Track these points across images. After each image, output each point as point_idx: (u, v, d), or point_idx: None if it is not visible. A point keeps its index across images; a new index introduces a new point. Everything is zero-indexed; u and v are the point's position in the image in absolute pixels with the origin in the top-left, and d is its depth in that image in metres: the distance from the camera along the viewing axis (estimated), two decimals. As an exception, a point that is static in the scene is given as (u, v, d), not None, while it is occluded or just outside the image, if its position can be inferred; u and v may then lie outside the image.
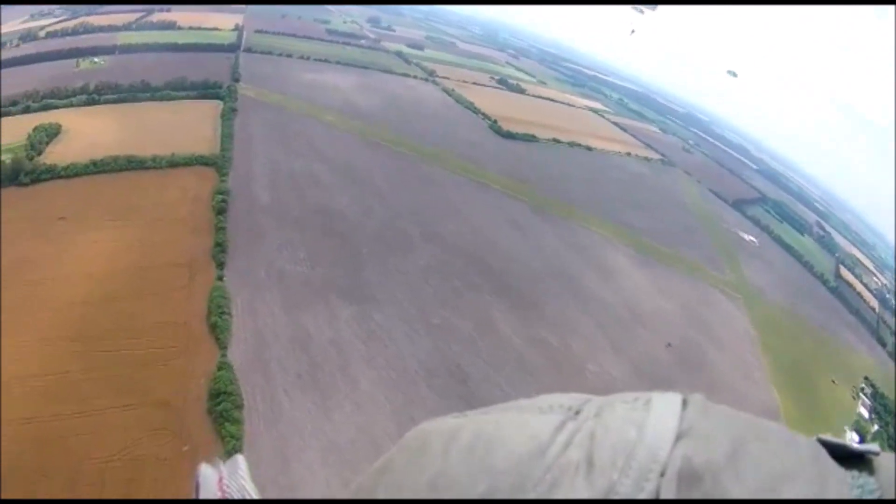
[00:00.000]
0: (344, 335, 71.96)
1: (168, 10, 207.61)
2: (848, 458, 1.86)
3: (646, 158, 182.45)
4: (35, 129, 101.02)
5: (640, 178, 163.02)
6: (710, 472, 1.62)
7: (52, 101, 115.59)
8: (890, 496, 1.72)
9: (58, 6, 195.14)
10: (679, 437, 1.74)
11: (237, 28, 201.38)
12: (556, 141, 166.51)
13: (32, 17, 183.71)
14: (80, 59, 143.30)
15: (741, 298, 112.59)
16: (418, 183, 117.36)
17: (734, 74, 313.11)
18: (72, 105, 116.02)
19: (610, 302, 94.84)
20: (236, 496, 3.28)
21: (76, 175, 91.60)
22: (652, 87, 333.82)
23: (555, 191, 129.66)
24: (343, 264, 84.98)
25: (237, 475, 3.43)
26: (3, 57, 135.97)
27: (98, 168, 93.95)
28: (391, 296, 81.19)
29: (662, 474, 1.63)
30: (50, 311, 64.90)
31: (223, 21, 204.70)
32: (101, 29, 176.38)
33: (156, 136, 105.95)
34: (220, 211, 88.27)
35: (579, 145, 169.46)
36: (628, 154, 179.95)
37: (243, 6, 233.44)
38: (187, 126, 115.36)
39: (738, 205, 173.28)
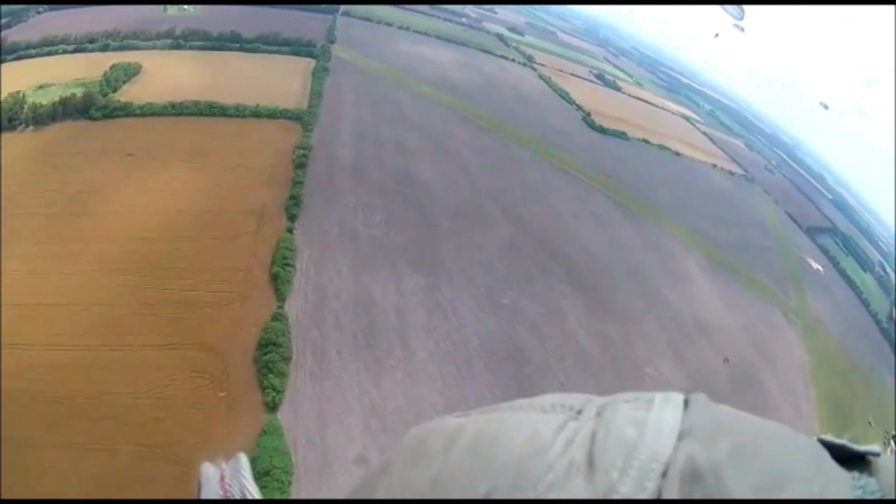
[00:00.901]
0: (409, 303, 69.47)
1: None
2: (849, 459, 1.90)
3: (730, 172, 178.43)
4: (112, 66, 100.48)
5: (722, 191, 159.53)
6: (712, 472, 1.64)
7: (134, 41, 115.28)
8: (891, 498, 1.73)
9: None
10: (681, 437, 1.77)
11: None
12: (646, 142, 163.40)
13: None
14: (169, 5, 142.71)
15: (800, 324, 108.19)
16: (506, 163, 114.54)
17: (826, 107, 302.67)
18: (155, 48, 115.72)
19: (677, 308, 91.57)
20: (237, 496, 3.23)
21: (152, 115, 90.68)
22: (742, 102, 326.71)
23: (639, 190, 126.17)
24: (419, 233, 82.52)
25: (239, 474, 3.34)
26: None
27: (176, 110, 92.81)
28: (463, 270, 78.50)
29: (664, 474, 1.65)
30: (106, 243, 64.12)
31: None
32: None
33: (241, 86, 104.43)
34: (300, 165, 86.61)
35: (668, 149, 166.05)
36: (714, 165, 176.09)
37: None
38: (275, 80, 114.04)
39: (811, 232, 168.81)
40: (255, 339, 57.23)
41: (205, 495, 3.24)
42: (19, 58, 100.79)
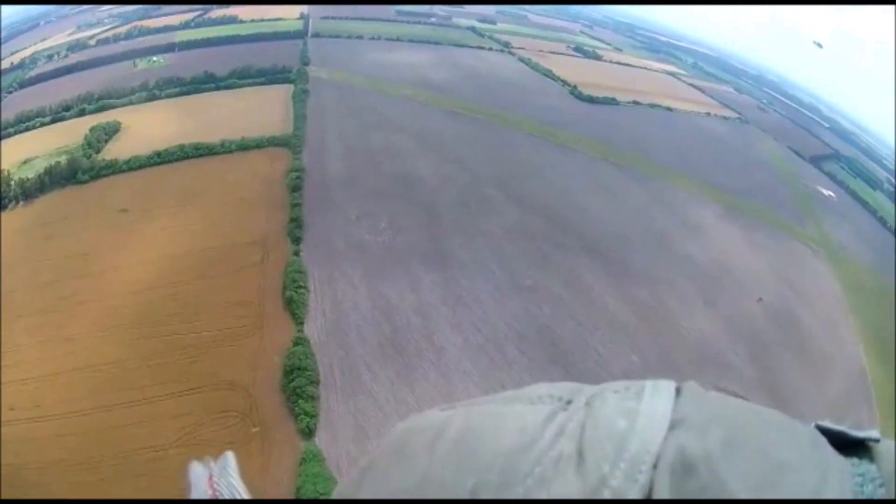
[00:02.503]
0: (429, 302, 68.03)
1: (227, 7, 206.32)
2: (848, 445, 1.89)
3: (724, 118, 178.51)
4: (92, 129, 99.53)
5: (720, 137, 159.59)
6: (705, 463, 1.62)
7: (109, 101, 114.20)
8: (891, 485, 1.70)
9: (107, 12, 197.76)
10: (672, 427, 1.73)
11: (303, 16, 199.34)
12: (637, 103, 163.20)
13: (79, 29, 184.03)
14: (138, 60, 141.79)
15: (823, 253, 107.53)
16: (500, 148, 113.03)
17: (819, 45, 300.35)
18: (131, 103, 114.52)
19: (699, 258, 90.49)
20: (226, 494, 3.36)
21: (139, 168, 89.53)
22: (724, 50, 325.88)
23: (639, 150, 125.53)
24: (426, 231, 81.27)
25: (227, 473, 3.52)
26: (52, 68, 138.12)
27: (162, 159, 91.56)
28: (477, 260, 77.10)
29: (655, 466, 1.62)
30: (110, 300, 63.14)
31: (287, 11, 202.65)
32: (156, 30, 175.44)
33: (223, 123, 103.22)
34: (296, 188, 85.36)
35: (659, 107, 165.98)
36: (707, 114, 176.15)
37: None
38: (256, 111, 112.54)
39: (815, 161, 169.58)
40: (278, 367, 56.00)
41: (194, 495, 3.35)
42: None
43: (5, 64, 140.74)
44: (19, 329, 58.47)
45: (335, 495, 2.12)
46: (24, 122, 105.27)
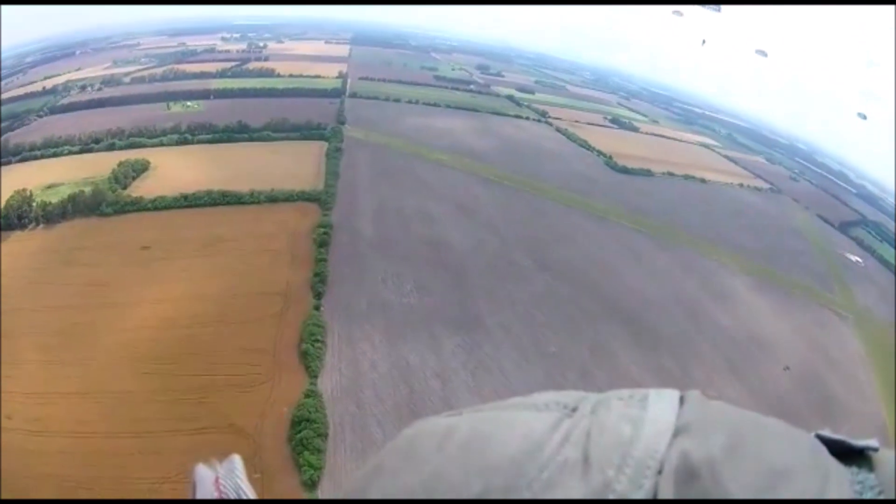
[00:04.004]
0: (450, 366, 68.17)
1: (266, 60, 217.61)
2: (848, 454, 1.91)
3: (756, 188, 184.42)
4: (120, 164, 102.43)
5: (752, 207, 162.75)
6: (707, 469, 1.65)
7: (140, 139, 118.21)
8: (890, 493, 1.74)
9: (144, 52, 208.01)
10: (676, 434, 1.77)
11: (341, 75, 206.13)
12: (671, 174, 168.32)
13: (115, 64, 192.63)
14: (172, 103, 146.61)
15: (850, 317, 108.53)
16: (533, 216, 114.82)
17: (864, 117, 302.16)
18: (161, 144, 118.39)
19: (727, 326, 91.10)
20: (232, 496, 3.19)
21: (165, 208, 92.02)
22: (756, 121, 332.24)
23: (671, 221, 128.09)
24: (453, 295, 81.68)
25: (233, 475, 3.28)
26: (85, 99, 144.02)
27: (189, 202, 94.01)
28: (503, 325, 77.40)
29: (660, 472, 1.65)
30: (125, 332, 64.61)
31: (325, 69, 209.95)
32: (193, 76, 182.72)
33: (254, 174, 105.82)
34: (322, 244, 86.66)
35: (693, 178, 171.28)
36: (740, 185, 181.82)
37: (345, 55, 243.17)
38: (288, 164, 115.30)
39: (844, 227, 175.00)
40: (287, 418, 56.19)
41: (200, 496, 3.21)
42: (24, 160, 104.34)
43: (37, 87, 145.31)
44: (28, 346, 60.24)
45: (342, 495, 2.13)
46: (52, 148, 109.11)
